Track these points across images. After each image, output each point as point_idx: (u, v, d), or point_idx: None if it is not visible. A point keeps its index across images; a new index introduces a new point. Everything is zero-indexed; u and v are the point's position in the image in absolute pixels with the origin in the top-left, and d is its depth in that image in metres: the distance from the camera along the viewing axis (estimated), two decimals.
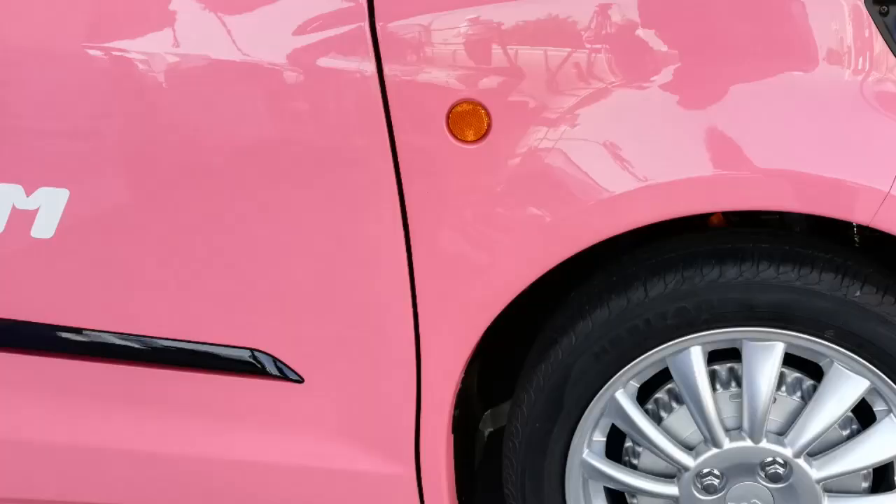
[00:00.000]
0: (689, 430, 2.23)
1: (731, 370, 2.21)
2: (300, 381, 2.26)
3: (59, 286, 2.29)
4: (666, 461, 2.23)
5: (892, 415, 2.14)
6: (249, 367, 2.27)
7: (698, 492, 2.23)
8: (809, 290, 2.03)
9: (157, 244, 2.22)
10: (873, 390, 2.13)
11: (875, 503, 2.25)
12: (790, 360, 2.16)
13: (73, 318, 2.31)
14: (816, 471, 2.18)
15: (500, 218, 2.09)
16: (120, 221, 2.22)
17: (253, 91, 2.09)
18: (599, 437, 2.26)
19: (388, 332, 2.19)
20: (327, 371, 2.26)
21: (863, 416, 2.20)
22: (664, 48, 2.02)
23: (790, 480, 2.20)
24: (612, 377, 2.16)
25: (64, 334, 2.32)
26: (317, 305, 2.21)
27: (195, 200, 2.17)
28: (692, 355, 2.13)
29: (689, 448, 2.23)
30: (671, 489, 2.26)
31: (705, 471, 2.21)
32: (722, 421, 2.18)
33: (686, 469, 2.21)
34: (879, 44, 2.00)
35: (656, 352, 2.13)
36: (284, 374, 2.26)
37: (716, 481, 2.22)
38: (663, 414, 2.25)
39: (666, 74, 2.01)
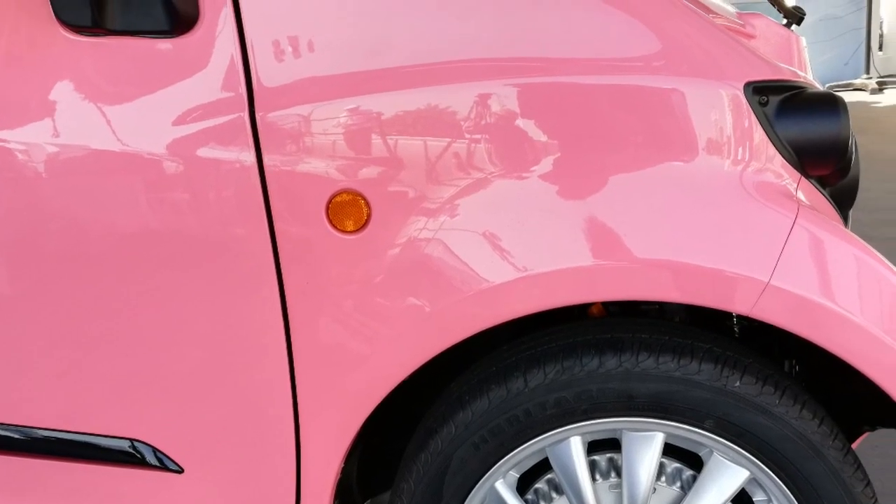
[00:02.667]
0: None
1: (610, 460, 2.00)
2: (180, 471, 2.04)
3: None
4: None
5: None
6: (129, 457, 2.04)
7: None
8: (689, 380, 1.84)
9: (37, 334, 2.00)
10: (753, 480, 1.91)
11: None
12: (670, 450, 1.96)
13: None
14: None
15: (380, 308, 1.89)
16: None
17: (133, 181, 1.88)
18: None
19: (267, 421, 1.98)
20: (207, 461, 2.04)
21: None
22: (544, 138, 1.84)
23: None
24: (491, 467, 1.95)
25: None
26: (197, 395, 1.99)
27: (75, 290, 1.95)
28: (572, 445, 1.92)
29: None
30: None
31: None
32: None
33: None
34: (759, 134, 1.86)
35: (536, 442, 1.92)
36: (164, 464, 2.03)
37: None
38: None
39: (545, 164, 1.84)
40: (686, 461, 1.98)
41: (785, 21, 2.93)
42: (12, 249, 1.95)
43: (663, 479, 1.98)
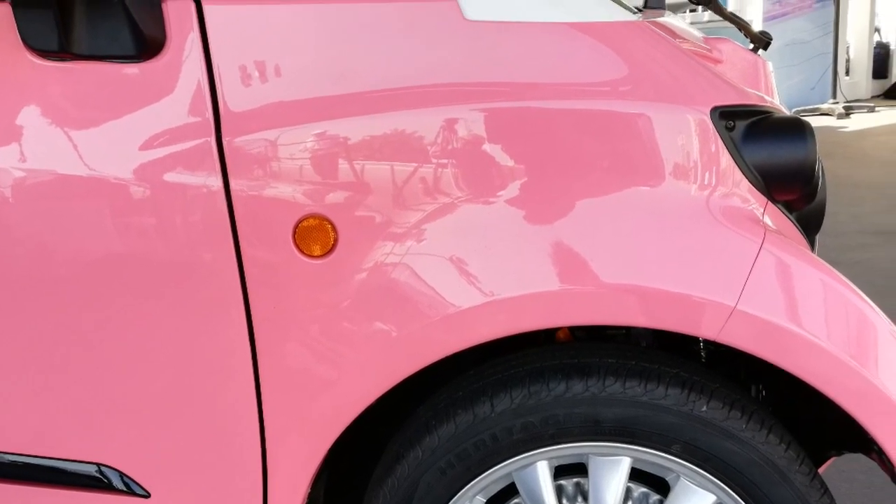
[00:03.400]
0: None
1: (577, 485, 1.95)
2: (147, 495, 1.97)
3: None
4: None
5: None
6: (96, 482, 1.97)
7: None
8: (656, 404, 1.79)
9: (3, 358, 1.93)
10: None
11: None
12: (637, 475, 1.90)
13: None
14: None
15: (347, 333, 1.83)
16: None
17: (99, 205, 1.82)
18: None
19: (234, 445, 1.92)
20: (174, 485, 1.98)
21: None
22: (511, 163, 1.79)
23: None
24: (458, 492, 1.89)
25: None
26: (164, 419, 1.93)
27: (43, 314, 1.89)
28: (538, 470, 1.87)
29: None
30: None
31: None
32: None
33: None
34: (726, 158, 1.82)
35: (503, 466, 1.87)
36: (131, 488, 1.97)
37: None
38: None
39: (512, 189, 1.79)
40: (653, 486, 1.93)
41: (752, 46, 2.89)
42: None
43: (630, 503, 1.93)
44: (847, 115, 13.83)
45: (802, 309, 1.77)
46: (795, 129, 1.86)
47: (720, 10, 3.08)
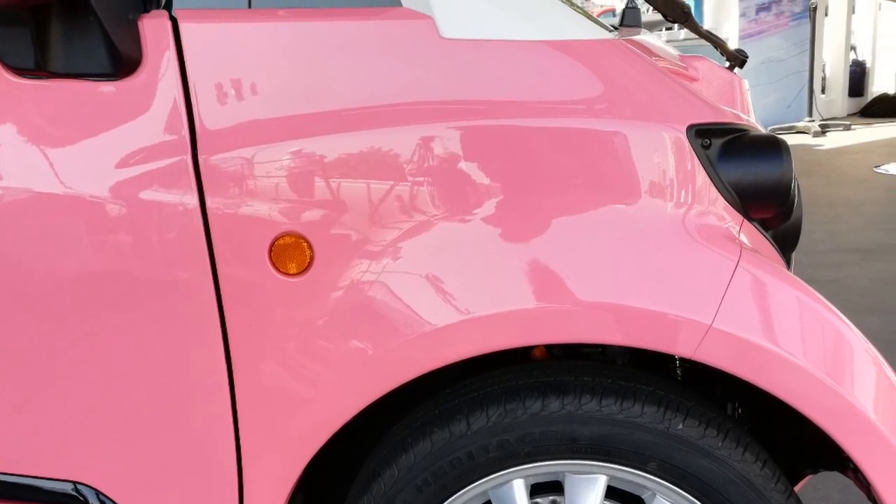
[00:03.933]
0: None
1: (553, 503, 1.93)
2: None
3: None
4: None
5: None
6: (72, 500, 1.94)
7: None
8: (632, 422, 1.77)
9: None
10: None
11: None
12: (613, 493, 1.88)
13: None
14: None
15: (323, 351, 1.81)
16: None
17: (76, 223, 1.79)
18: None
19: (210, 464, 1.90)
20: (149, 503, 1.94)
21: None
22: (487, 181, 1.78)
23: None
24: None
25: None
26: (140, 438, 1.90)
27: (18, 332, 1.86)
28: (514, 488, 1.85)
29: None
30: None
31: None
32: None
33: None
34: (702, 176, 1.82)
35: (479, 484, 1.85)
36: None
37: None
38: None
39: (488, 207, 1.78)
40: None
41: (728, 64, 2.88)
42: None
43: None
44: (823, 133, 13.83)
45: (778, 327, 1.75)
46: (771, 147, 1.86)
47: (696, 28, 3.08)
